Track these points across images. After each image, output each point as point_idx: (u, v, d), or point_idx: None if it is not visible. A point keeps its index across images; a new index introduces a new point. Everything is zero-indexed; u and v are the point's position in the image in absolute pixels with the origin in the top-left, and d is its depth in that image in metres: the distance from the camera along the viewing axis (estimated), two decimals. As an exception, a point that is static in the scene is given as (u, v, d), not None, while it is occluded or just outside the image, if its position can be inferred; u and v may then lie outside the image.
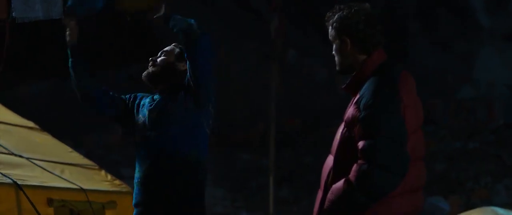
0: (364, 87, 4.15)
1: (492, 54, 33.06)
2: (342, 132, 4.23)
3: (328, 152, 4.37)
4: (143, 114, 5.21)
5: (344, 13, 4.26)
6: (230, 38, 25.39)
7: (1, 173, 6.48)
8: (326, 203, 4.16)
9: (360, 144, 4.05)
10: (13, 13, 5.52)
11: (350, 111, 4.17)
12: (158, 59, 5.26)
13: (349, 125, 4.16)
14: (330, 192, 4.15)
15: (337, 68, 4.36)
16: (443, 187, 21.99)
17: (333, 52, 4.35)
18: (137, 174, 5.18)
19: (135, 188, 5.21)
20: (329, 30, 4.33)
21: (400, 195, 4.11)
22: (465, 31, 33.62)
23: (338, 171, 4.19)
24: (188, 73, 5.04)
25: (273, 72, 16.27)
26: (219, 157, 23.40)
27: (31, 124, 8.16)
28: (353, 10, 4.26)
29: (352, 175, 4.04)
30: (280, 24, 16.28)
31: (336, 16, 4.29)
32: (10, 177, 6.46)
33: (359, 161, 4.03)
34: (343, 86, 4.32)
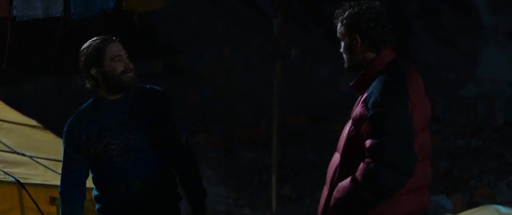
0: (372, 85, 4.12)
1: (495, 52, 33.06)
2: (349, 129, 4.20)
3: (331, 150, 4.34)
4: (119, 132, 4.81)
5: (355, 10, 4.22)
6: (233, 36, 25.38)
7: (4, 172, 6.48)
8: (332, 200, 4.14)
9: (368, 142, 4.02)
10: (14, 12, 5.52)
11: (358, 108, 4.14)
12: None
13: (357, 123, 4.13)
14: (336, 189, 4.13)
15: (345, 65, 4.31)
16: (446, 185, 21.99)
17: (341, 49, 4.31)
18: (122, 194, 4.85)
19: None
20: (338, 27, 4.28)
21: (406, 194, 4.09)
22: (468, 29, 33.62)
23: (344, 169, 4.17)
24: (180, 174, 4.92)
25: (276, 70, 16.28)
26: (222, 154, 23.38)
27: (33, 122, 8.15)
28: (364, 7, 4.22)
29: (359, 173, 4.02)
30: (283, 22, 16.28)
31: (346, 13, 4.24)
32: (13, 175, 6.46)
33: (366, 159, 4.00)
34: (351, 84, 4.28)
